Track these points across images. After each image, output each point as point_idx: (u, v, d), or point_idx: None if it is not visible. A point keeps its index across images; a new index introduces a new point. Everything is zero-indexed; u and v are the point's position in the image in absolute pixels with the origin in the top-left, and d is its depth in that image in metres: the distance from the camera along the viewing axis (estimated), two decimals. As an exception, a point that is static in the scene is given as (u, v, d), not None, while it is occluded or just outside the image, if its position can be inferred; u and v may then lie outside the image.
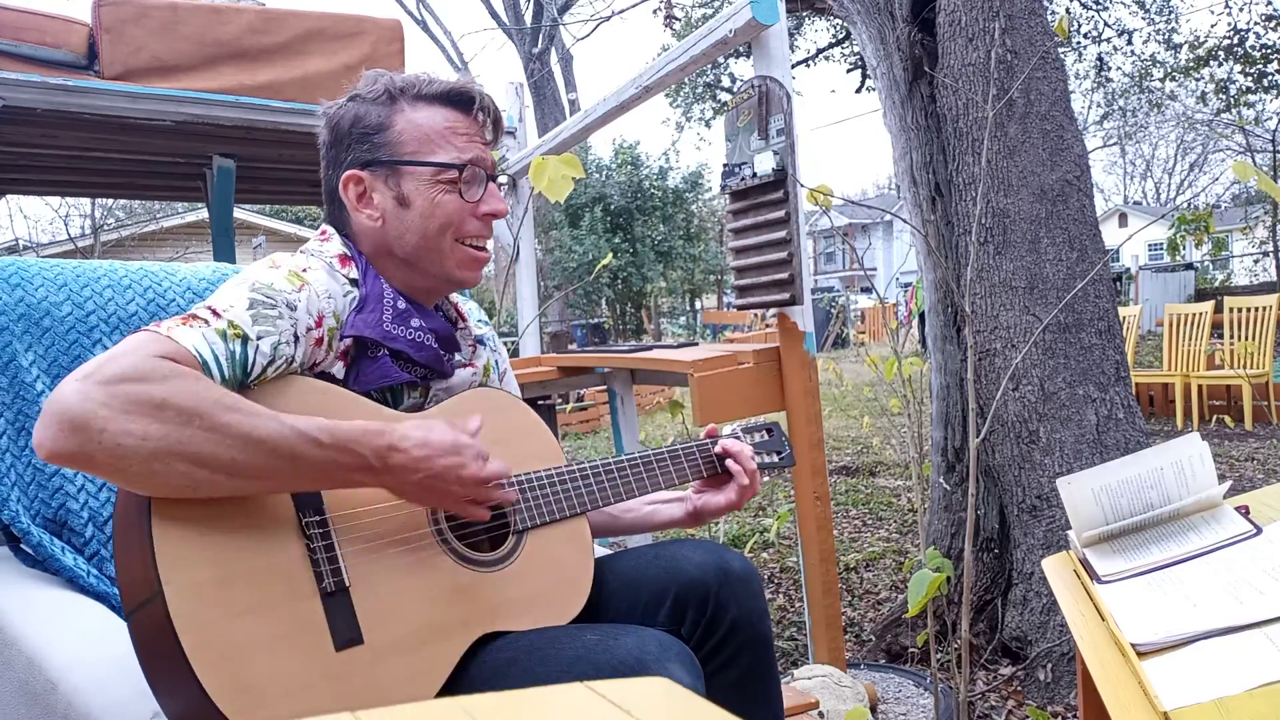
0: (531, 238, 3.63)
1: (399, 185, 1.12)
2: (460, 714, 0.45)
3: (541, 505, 1.15)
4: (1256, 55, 10.13)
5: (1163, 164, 34.92)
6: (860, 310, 19.94)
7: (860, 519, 4.31)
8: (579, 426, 8.66)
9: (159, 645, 0.85)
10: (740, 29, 2.02)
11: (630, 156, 17.65)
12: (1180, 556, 1.16)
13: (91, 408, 0.81)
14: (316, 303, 1.05)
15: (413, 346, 1.11)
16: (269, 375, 0.98)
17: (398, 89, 1.14)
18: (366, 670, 0.93)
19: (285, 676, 0.87)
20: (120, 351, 0.87)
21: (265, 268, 1.06)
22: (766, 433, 1.43)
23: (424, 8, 16.68)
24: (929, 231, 2.73)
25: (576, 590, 1.14)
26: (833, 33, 11.84)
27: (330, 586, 0.94)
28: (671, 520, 1.35)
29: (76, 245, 12.54)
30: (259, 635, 0.87)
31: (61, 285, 1.32)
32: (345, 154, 1.14)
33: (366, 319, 1.08)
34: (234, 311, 0.96)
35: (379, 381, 1.09)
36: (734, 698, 1.12)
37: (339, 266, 1.11)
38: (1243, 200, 20.30)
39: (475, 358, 1.27)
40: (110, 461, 0.82)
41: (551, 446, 1.23)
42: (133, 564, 0.88)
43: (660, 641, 0.96)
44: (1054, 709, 2.19)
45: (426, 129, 1.13)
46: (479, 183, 1.15)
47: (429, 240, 1.13)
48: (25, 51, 2.48)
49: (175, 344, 0.90)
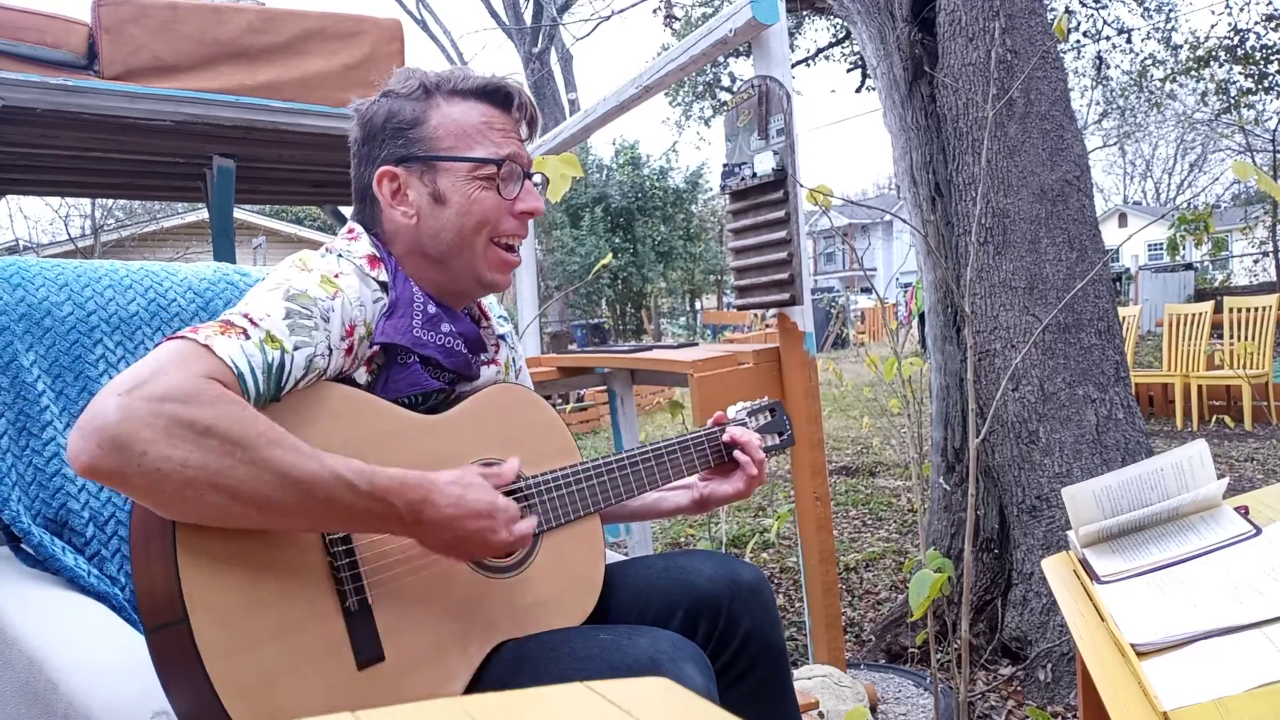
0: (531, 238, 3.63)
1: (435, 181, 1.10)
2: (460, 714, 0.45)
3: (557, 506, 1.15)
4: (1257, 56, 10.13)
5: (1163, 164, 34.95)
6: (860, 310, 19.94)
7: (860, 519, 4.31)
8: (579, 427, 8.66)
9: (183, 669, 0.85)
10: (740, 29, 2.02)
11: (630, 156, 17.64)
12: (1180, 557, 1.16)
13: (135, 428, 0.79)
14: (349, 311, 1.02)
15: (443, 353, 1.10)
16: (300, 386, 0.97)
17: (433, 84, 1.11)
18: (389, 686, 0.93)
19: (309, 700, 0.88)
20: (161, 365, 0.84)
21: (298, 271, 1.03)
22: (770, 412, 1.43)
23: (424, 8, 16.69)
24: (929, 231, 2.72)
25: (589, 590, 1.15)
26: (833, 32, 11.84)
27: (354, 605, 0.94)
28: (678, 508, 1.35)
29: (76, 245, 12.53)
30: (283, 660, 0.87)
31: (63, 285, 1.32)
32: (379, 150, 1.12)
33: (397, 325, 1.06)
34: (271, 321, 0.94)
35: (409, 389, 1.07)
36: (752, 709, 1.12)
37: (369, 269, 1.08)
38: (1243, 200, 20.29)
39: (498, 355, 1.27)
40: (145, 485, 0.80)
41: (567, 443, 1.23)
42: (154, 581, 0.87)
43: (673, 642, 0.96)
44: (1054, 709, 2.19)
45: (463, 124, 1.10)
46: (516, 179, 1.12)
47: (464, 238, 1.10)
48: (25, 51, 2.48)
49: (215, 358, 0.87)
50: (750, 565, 1.20)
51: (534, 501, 1.13)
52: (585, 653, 0.96)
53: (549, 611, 1.09)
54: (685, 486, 1.35)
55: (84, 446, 0.79)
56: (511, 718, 0.48)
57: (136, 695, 0.91)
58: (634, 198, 17.19)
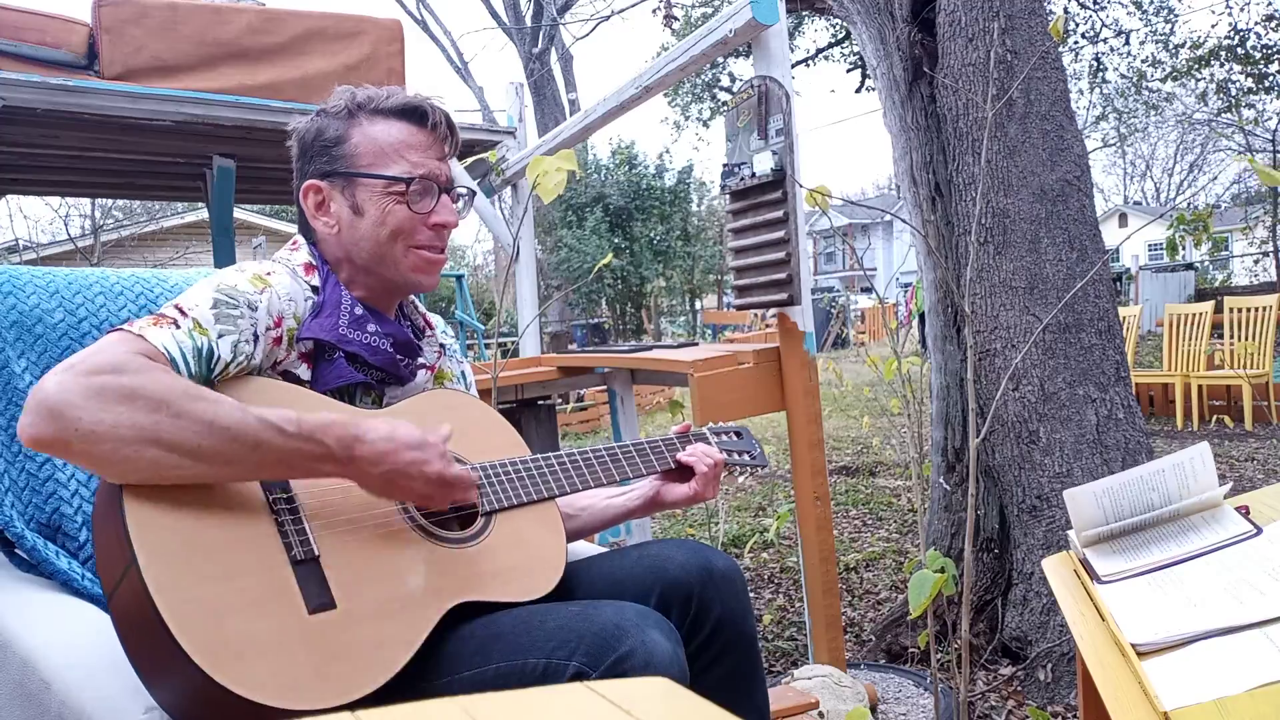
0: (531, 238, 3.63)
1: (354, 195, 1.18)
2: (460, 714, 0.45)
3: (508, 489, 1.18)
4: (1257, 56, 10.13)
5: (1163, 164, 34.95)
6: (860, 310, 19.95)
7: (860, 519, 4.31)
8: (579, 426, 8.66)
9: (137, 616, 0.87)
10: (740, 29, 2.02)
11: (627, 156, 17.64)
12: (1180, 556, 1.16)
13: (69, 397, 0.87)
14: (277, 304, 1.10)
15: (367, 350, 1.16)
16: (231, 371, 1.04)
17: (356, 104, 1.20)
18: (339, 633, 0.93)
19: (260, 636, 0.89)
20: (98, 348, 0.93)
21: (232, 271, 1.13)
22: (735, 435, 1.45)
23: (424, 8, 16.68)
24: (929, 231, 2.73)
25: (550, 567, 1.16)
26: (832, 33, 11.84)
27: (300, 555, 0.96)
28: (629, 510, 1.39)
29: (76, 245, 12.54)
30: (232, 599, 0.89)
31: (54, 293, 1.33)
32: (308, 165, 1.21)
33: (322, 323, 1.14)
34: (199, 311, 1.02)
35: (335, 382, 1.13)
36: (721, 696, 1.13)
37: (303, 274, 1.17)
38: (1242, 200, 20.29)
39: (439, 363, 1.32)
40: (84, 448, 0.87)
41: (514, 440, 1.26)
42: (109, 545, 0.91)
43: (639, 611, 0.99)
44: (1054, 709, 2.19)
45: (381, 143, 1.18)
46: (430, 195, 1.20)
47: (381, 247, 1.18)
48: (25, 51, 2.48)
49: (147, 342, 0.96)
50: (723, 554, 1.22)
51: (482, 483, 1.15)
52: (555, 624, 0.98)
53: (507, 582, 1.10)
54: (637, 488, 1.39)
55: (27, 419, 0.87)
56: (511, 718, 0.48)
57: (128, 693, 0.92)
58: (631, 197, 17.20)
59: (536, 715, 0.48)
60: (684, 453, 1.35)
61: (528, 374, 2.77)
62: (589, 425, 8.76)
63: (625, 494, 1.40)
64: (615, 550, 1.30)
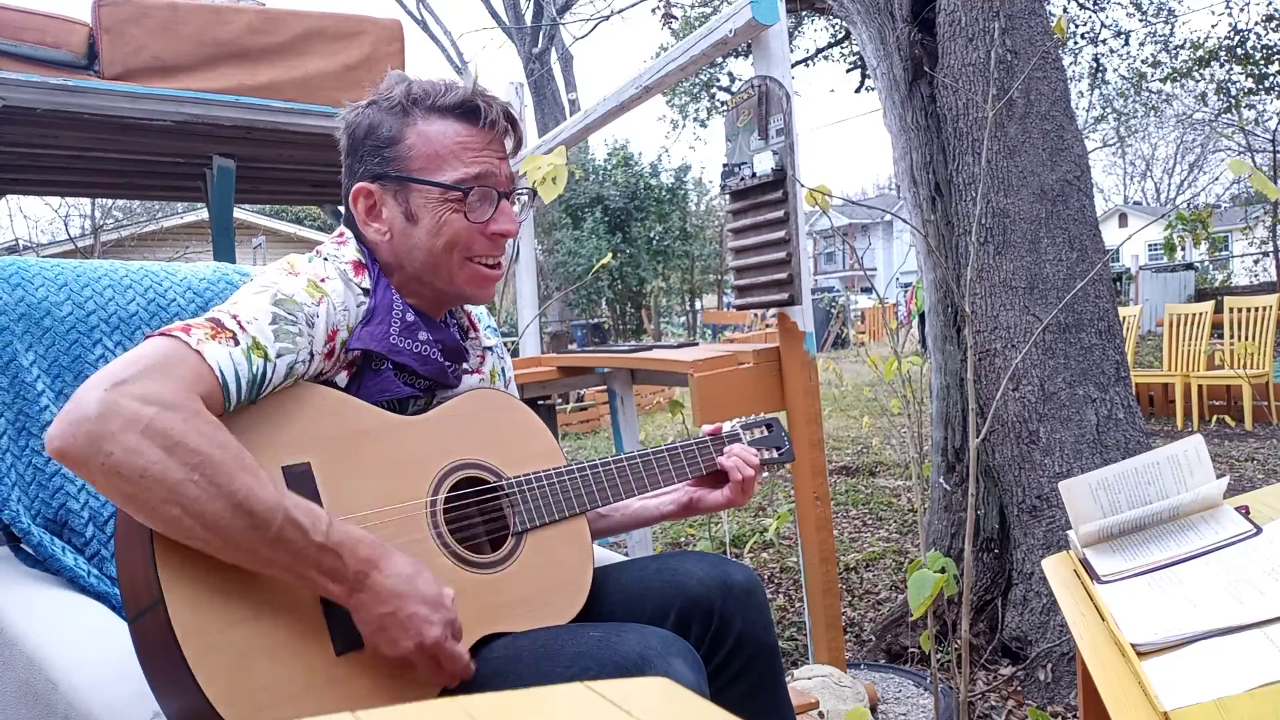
0: (531, 238, 3.63)
1: (408, 201, 1.11)
2: (460, 714, 0.45)
3: (540, 505, 1.14)
4: (1257, 56, 10.12)
5: (1163, 164, 34.95)
6: (860, 310, 19.94)
7: (860, 519, 4.31)
8: (579, 426, 8.66)
9: (161, 652, 0.85)
10: (740, 29, 2.02)
11: (622, 156, 17.63)
12: (1180, 556, 1.16)
13: (109, 426, 0.82)
14: (333, 316, 1.04)
15: (418, 360, 1.11)
16: (278, 389, 0.99)
17: (411, 100, 1.12)
18: (369, 673, 0.92)
19: (287, 681, 0.87)
20: (152, 364, 0.87)
21: (285, 275, 1.05)
22: (766, 428, 1.43)
23: (424, 8, 16.67)
24: (929, 231, 2.72)
25: (576, 591, 1.14)
26: (832, 32, 11.84)
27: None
28: (663, 515, 1.36)
29: (76, 245, 12.53)
30: (259, 642, 0.87)
31: (62, 285, 1.32)
32: (359, 165, 1.14)
33: (374, 331, 1.08)
34: (257, 326, 0.96)
35: (380, 395, 1.08)
36: (744, 711, 1.12)
37: (353, 275, 1.10)
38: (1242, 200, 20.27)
39: (483, 366, 1.28)
40: (108, 481, 0.82)
41: (551, 448, 1.22)
42: (134, 570, 0.89)
43: (663, 638, 0.96)
44: (1054, 709, 2.19)
45: (436, 145, 1.11)
46: (488, 202, 1.13)
47: (436, 258, 1.12)
48: (25, 51, 2.48)
49: (204, 364, 0.89)
50: (743, 566, 1.20)
51: (515, 499, 1.12)
52: (575, 650, 0.96)
53: (533, 609, 1.08)
54: (671, 493, 1.35)
55: (59, 431, 0.83)
56: (511, 718, 0.48)
57: (136, 695, 0.92)
58: (629, 197, 17.19)
59: (536, 715, 0.48)
60: (723, 458, 1.31)
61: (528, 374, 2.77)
62: (589, 425, 8.76)
63: (659, 497, 1.36)
64: (631, 561, 1.27)
